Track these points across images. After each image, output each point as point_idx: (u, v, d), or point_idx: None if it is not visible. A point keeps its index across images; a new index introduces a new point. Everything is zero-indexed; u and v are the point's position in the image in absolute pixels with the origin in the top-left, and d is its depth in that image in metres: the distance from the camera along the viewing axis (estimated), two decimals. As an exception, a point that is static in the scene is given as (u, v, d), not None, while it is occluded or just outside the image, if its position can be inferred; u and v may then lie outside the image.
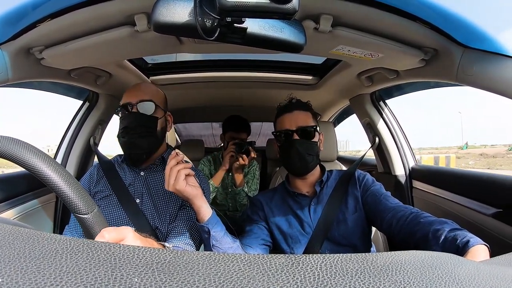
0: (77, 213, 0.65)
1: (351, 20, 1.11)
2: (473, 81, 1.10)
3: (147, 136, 1.33)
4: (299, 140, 1.35)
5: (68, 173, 0.65)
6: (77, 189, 0.65)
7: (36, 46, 1.21)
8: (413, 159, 2.14)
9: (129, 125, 1.31)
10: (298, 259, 0.42)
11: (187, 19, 0.84)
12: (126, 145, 1.33)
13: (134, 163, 1.39)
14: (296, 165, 1.37)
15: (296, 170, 1.40)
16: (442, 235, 0.96)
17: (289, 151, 1.36)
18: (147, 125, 1.34)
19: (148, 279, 0.36)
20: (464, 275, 0.40)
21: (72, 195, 0.64)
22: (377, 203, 1.29)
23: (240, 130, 2.43)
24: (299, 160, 1.35)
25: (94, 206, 0.68)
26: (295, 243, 1.36)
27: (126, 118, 1.33)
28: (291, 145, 1.36)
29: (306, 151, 1.35)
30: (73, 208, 0.64)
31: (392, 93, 2.17)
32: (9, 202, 1.57)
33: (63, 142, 2.07)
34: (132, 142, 1.31)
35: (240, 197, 2.36)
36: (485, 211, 1.38)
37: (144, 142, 1.32)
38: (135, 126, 1.31)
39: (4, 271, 0.35)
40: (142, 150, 1.33)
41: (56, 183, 0.62)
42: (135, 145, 1.32)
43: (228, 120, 2.50)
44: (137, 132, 1.31)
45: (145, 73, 2.04)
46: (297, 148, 1.34)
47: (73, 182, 0.65)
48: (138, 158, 1.36)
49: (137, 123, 1.32)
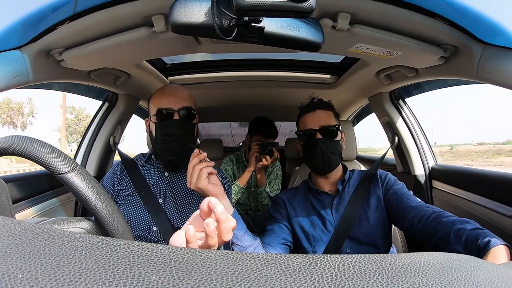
0: (58, 174, 0.66)
1: (369, 17, 1.10)
2: (494, 79, 1.07)
3: (188, 143, 1.34)
4: (323, 139, 1.36)
5: (42, 141, 0.66)
6: (52, 150, 0.66)
7: (56, 48, 1.23)
8: (433, 159, 2.10)
9: (174, 132, 1.31)
10: (316, 259, 0.42)
11: (204, 19, 0.84)
12: (167, 152, 1.35)
13: (172, 168, 1.41)
14: (319, 164, 1.38)
15: (319, 168, 1.41)
16: (463, 235, 0.95)
17: (313, 150, 1.37)
18: (189, 132, 1.36)
19: (166, 277, 0.36)
20: (483, 278, 0.39)
21: (49, 156, 0.64)
22: (399, 202, 1.29)
23: (268, 136, 2.43)
24: (322, 159, 1.36)
25: (75, 164, 0.68)
26: (317, 241, 1.36)
27: (170, 125, 1.32)
28: (315, 144, 1.37)
29: (329, 150, 1.36)
30: (53, 170, 0.65)
31: (412, 91, 2.13)
32: (29, 200, 1.60)
33: (83, 141, 2.10)
34: (175, 149, 1.32)
35: (262, 197, 2.37)
36: (505, 212, 1.35)
37: (185, 149, 1.32)
38: (181, 135, 1.32)
39: (24, 267, 0.36)
40: (182, 157, 1.35)
41: (30, 150, 0.64)
42: (178, 153, 1.33)
43: (257, 122, 2.50)
44: (181, 139, 1.32)
45: (164, 74, 2.05)
46: (320, 147, 1.35)
47: (48, 146, 0.66)
48: (178, 164, 1.38)
49: (182, 131, 1.32)
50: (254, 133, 2.44)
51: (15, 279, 0.34)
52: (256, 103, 2.85)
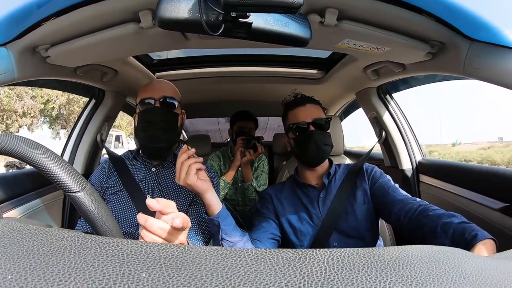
0: (68, 192, 0.64)
1: (356, 13, 1.10)
2: (480, 75, 1.08)
3: (169, 131, 1.35)
4: (317, 131, 1.37)
5: (55, 154, 0.64)
6: (66, 168, 0.64)
7: (42, 44, 1.21)
8: (420, 153, 2.13)
9: (153, 119, 1.32)
10: (305, 253, 0.42)
11: (192, 14, 0.84)
12: (148, 139, 1.34)
13: (154, 157, 1.41)
14: (313, 155, 1.39)
15: (312, 160, 1.42)
16: (450, 229, 0.96)
17: (307, 142, 1.38)
18: (171, 120, 1.36)
19: (156, 274, 0.36)
20: (471, 269, 0.40)
21: (62, 174, 0.63)
22: (385, 195, 1.30)
23: (247, 119, 2.49)
24: (317, 151, 1.37)
25: (85, 183, 0.67)
26: (304, 235, 1.37)
27: (149, 112, 1.34)
28: (309, 136, 1.38)
29: (324, 142, 1.38)
30: (65, 188, 0.63)
31: (399, 86, 2.15)
32: (14, 201, 1.57)
33: (70, 139, 2.07)
34: (156, 136, 1.32)
35: (249, 192, 2.38)
36: (492, 205, 1.37)
37: (166, 136, 1.34)
38: (160, 121, 1.32)
39: (13, 268, 0.35)
40: (164, 144, 1.35)
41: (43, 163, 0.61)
42: (159, 139, 1.33)
43: (235, 114, 2.57)
44: (161, 126, 1.32)
45: (151, 69, 2.04)
46: (315, 139, 1.36)
47: (62, 162, 0.64)
48: (159, 151, 1.38)
49: (161, 117, 1.33)
50: (234, 122, 2.52)
51: (4, 280, 0.33)
52: (244, 99, 2.85)
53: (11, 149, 0.60)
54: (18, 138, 0.62)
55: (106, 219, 0.67)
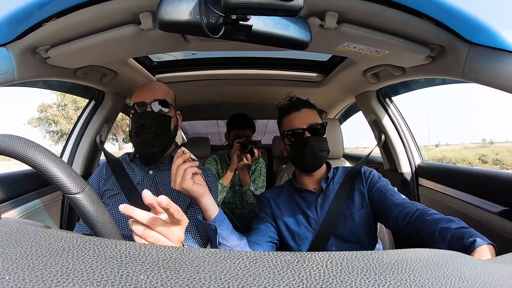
0: (67, 194, 0.64)
1: (356, 16, 1.11)
2: (480, 78, 1.08)
3: (162, 135, 1.34)
4: (312, 137, 1.36)
5: (55, 155, 0.64)
6: (65, 169, 0.63)
7: (42, 45, 1.21)
8: (419, 157, 2.13)
9: (145, 123, 1.31)
10: (304, 256, 0.42)
11: (192, 17, 0.84)
12: (141, 144, 1.33)
13: (148, 162, 1.40)
14: (310, 162, 1.37)
15: (308, 167, 1.40)
16: (448, 234, 0.95)
17: (303, 149, 1.36)
18: (162, 123, 1.35)
19: (154, 276, 0.36)
20: (470, 273, 0.40)
21: (61, 175, 0.62)
22: (383, 199, 1.29)
23: (244, 127, 2.44)
24: (313, 157, 1.35)
25: (85, 185, 0.67)
26: (302, 239, 1.36)
27: (141, 117, 1.33)
28: (304, 143, 1.36)
29: (320, 148, 1.36)
30: (64, 189, 0.63)
31: (398, 90, 2.15)
32: (13, 201, 1.57)
33: (69, 140, 2.07)
34: (148, 141, 1.31)
35: (247, 196, 2.36)
36: (491, 209, 1.37)
37: (159, 141, 1.33)
38: (151, 125, 1.31)
39: (12, 269, 0.35)
40: (157, 149, 1.34)
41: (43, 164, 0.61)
42: (151, 144, 1.32)
43: (232, 118, 2.52)
44: (153, 130, 1.31)
45: (151, 71, 2.04)
46: (311, 146, 1.35)
47: (61, 163, 0.64)
48: (152, 156, 1.36)
49: (153, 121, 1.32)
50: (231, 128, 2.47)
51: (2, 281, 0.33)
52: (244, 101, 2.85)
53: (10, 150, 0.60)
54: (17, 139, 0.62)
55: (105, 220, 0.67)
